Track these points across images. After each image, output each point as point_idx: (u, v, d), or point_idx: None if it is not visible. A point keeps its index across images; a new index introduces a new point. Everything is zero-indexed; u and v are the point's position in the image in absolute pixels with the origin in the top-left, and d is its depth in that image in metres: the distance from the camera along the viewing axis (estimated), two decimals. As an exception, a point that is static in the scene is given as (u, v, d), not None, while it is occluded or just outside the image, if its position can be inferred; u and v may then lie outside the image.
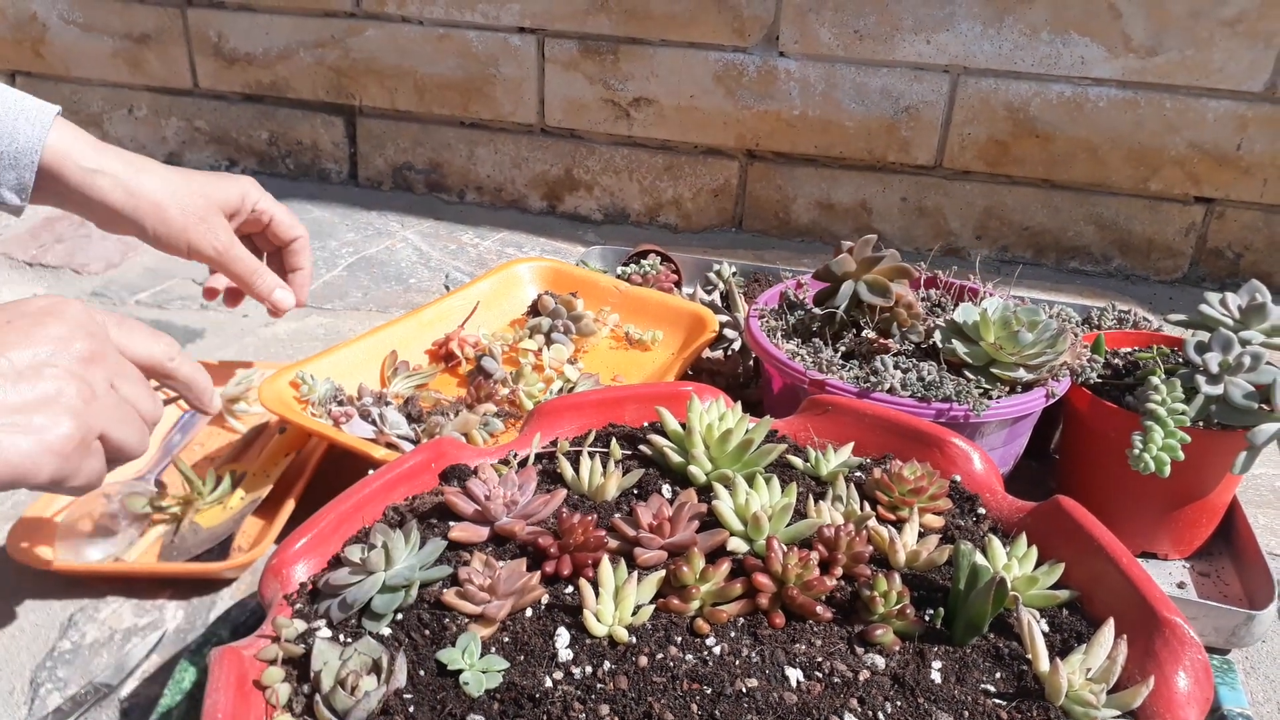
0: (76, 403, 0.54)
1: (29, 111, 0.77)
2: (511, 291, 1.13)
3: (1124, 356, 0.88)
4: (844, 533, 0.58)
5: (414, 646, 0.53)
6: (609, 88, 1.52)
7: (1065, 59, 1.34)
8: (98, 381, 0.56)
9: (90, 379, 0.55)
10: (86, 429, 0.54)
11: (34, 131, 0.76)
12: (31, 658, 0.73)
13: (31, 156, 0.76)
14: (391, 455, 0.82)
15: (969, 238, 1.49)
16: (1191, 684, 0.50)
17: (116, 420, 0.57)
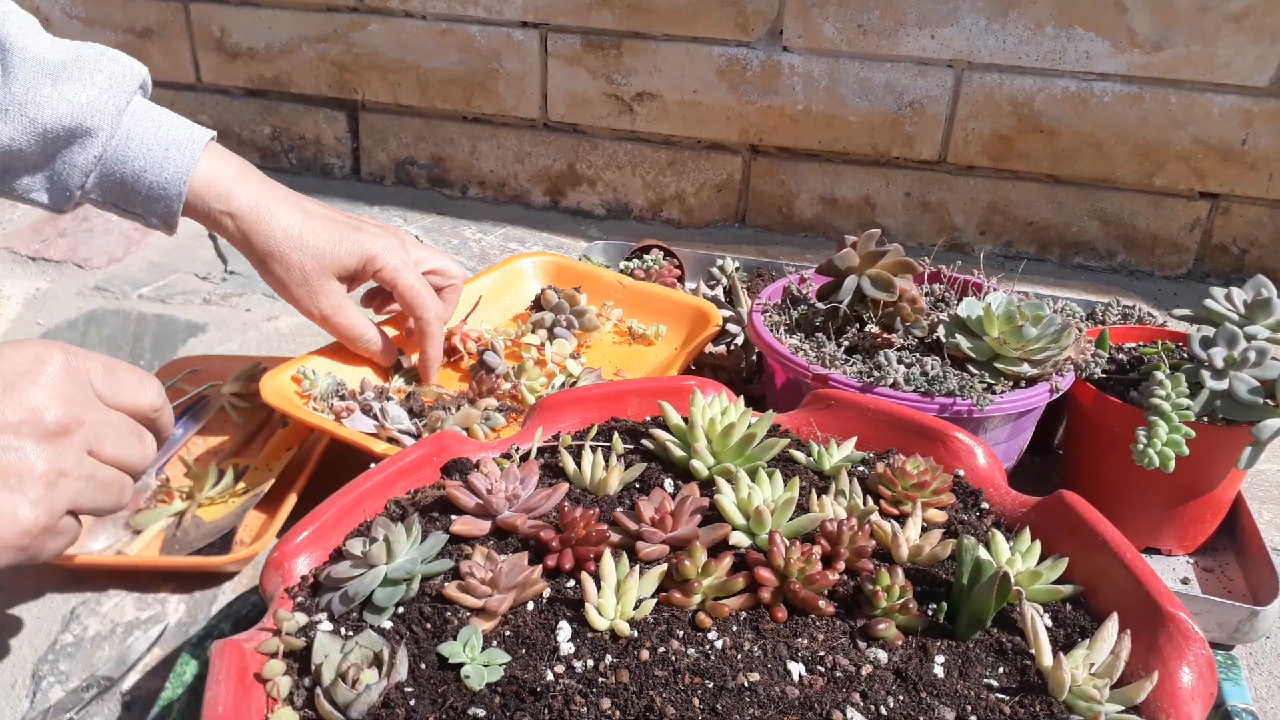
0: (39, 488, 0.51)
1: (180, 143, 0.77)
2: (515, 286, 1.13)
3: (1128, 352, 0.88)
4: (846, 527, 0.58)
5: (415, 640, 0.53)
6: (612, 82, 1.52)
7: (1070, 54, 1.34)
8: (69, 455, 0.53)
9: (61, 453, 0.52)
10: (49, 513, 0.52)
11: (183, 163, 0.77)
12: (33, 651, 0.73)
13: (179, 189, 0.77)
14: (393, 450, 0.82)
15: (973, 233, 1.49)
16: (1195, 679, 0.50)
17: (88, 492, 0.54)
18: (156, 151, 0.76)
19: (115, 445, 0.56)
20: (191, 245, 1.44)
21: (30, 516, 0.51)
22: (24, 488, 0.50)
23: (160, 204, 0.77)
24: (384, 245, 0.86)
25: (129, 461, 0.57)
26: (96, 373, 0.55)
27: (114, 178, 0.77)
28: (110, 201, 0.79)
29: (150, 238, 1.45)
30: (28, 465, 0.50)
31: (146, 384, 0.59)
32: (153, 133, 0.77)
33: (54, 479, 0.52)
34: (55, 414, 0.51)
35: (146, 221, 0.80)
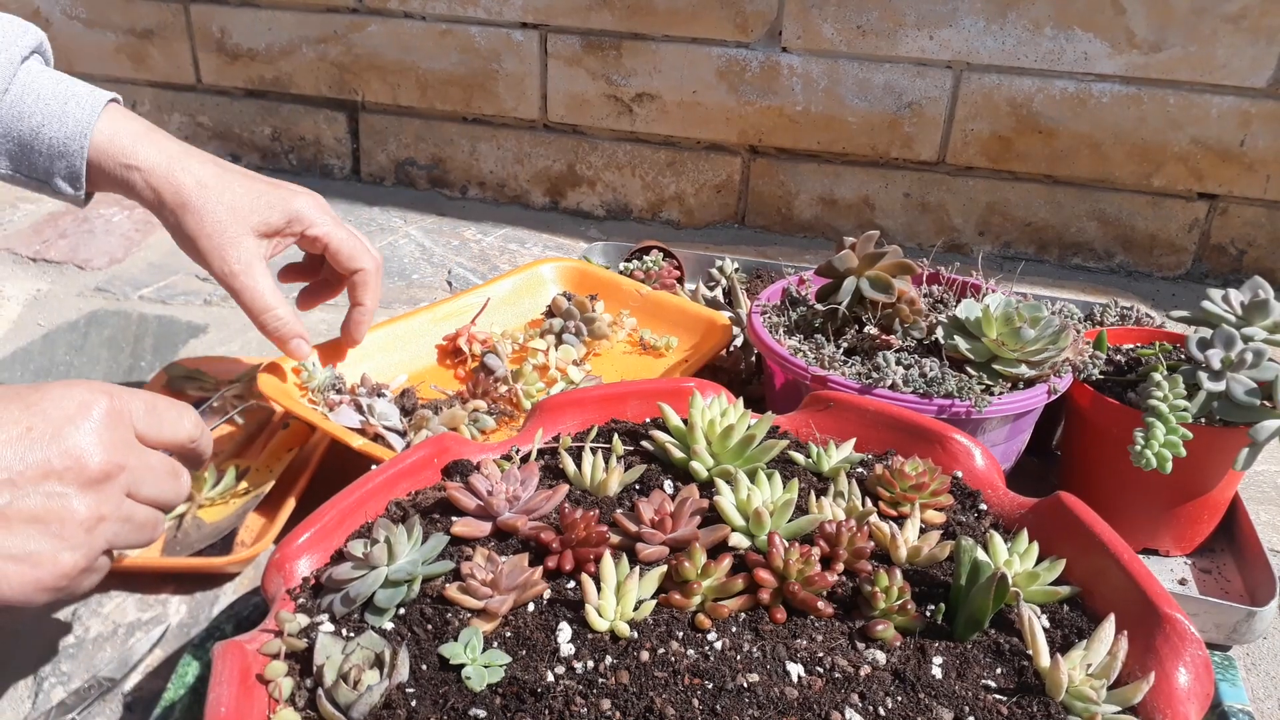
0: (80, 533, 0.52)
1: (80, 97, 0.75)
2: (534, 291, 1.13)
3: (1126, 353, 0.88)
4: (845, 528, 0.58)
5: (416, 641, 0.53)
6: (611, 83, 1.52)
7: (1069, 55, 1.34)
8: (109, 500, 0.54)
9: (102, 499, 0.54)
10: (87, 556, 0.53)
11: (82, 115, 0.74)
12: (35, 652, 0.73)
13: (80, 143, 0.74)
14: (372, 447, 0.82)
15: (972, 234, 1.49)
16: (1192, 680, 0.50)
17: (124, 533, 0.56)
18: (54, 106, 0.74)
19: (153, 486, 0.57)
20: (192, 246, 1.44)
21: (70, 561, 0.52)
22: (65, 533, 0.52)
23: (62, 161, 0.74)
24: (309, 202, 0.83)
25: (164, 500, 0.59)
26: (138, 413, 0.57)
27: (11, 136, 0.74)
28: (13, 168, 0.76)
29: (151, 238, 1.45)
30: (70, 511, 0.52)
31: (184, 416, 0.61)
32: (50, 89, 0.75)
33: (94, 524, 0.53)
34: (98, 461, 0.53)
35: (55, 189, 0.77)
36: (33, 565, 0.51)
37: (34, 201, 1.55)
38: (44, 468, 0.51)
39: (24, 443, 0.51)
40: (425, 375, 1.00)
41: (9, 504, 0.50)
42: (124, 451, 0.55)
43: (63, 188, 0.77)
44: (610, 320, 1.07)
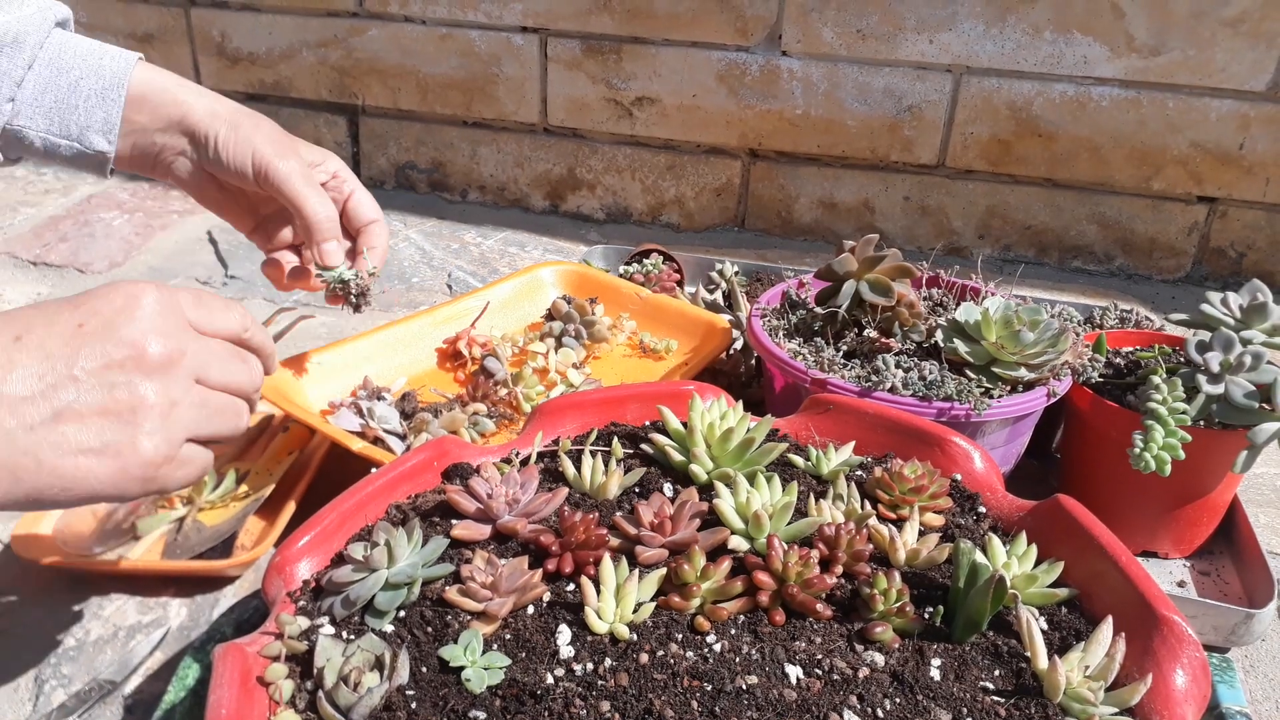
0: (154, 418, 0.52)
1: (113, 53, 0.76)
2: (534, 295, 1.13)
3: (1125, 356, 0.88)
4: (844, 531, 0.59)
5: (416, 643, 0.53)
6: (611, 87, 1.53)
7: (1068, 58, 1.34)
8: (178, 384, 0.53)
9: (170, 384, 0.53)
10: (168, 442, 0.53)
11: (118, 66, 0.75)
12: (36, 654, 0.73)
13: (119, 90, 0.74)
14: (373, 449, 0.83)
15: (971, 237, 1.50)
16: (1189, 681, 0.50)
17: (204, 419, 0.55)
18: (91, 61, 0.75)
19: (220, 370, 0.56)
20: (192, 249, 1.44)
21: (150, 447, 0.51)
22: (138, 420, 0.51)
23: (100, 111, 0.74)
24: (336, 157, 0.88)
25: (237, 384, 0.58)
26: (187, 303, 0.56)
27: (50, 91, 0.74)
28: (48, 129, 0.75)
29: (151, 241, 1.45)
30: (139, 398, 0.51)
31: (232, 308, 0.60)
32: (86, 45, 0.76)
33: (167, 409, 0.52)
34: (157, 347, 0.52)
35: (86, 147, 0.76)
36: (113, 456, 0.50)
37: (34, 205, 1.55)
38: (104, 360, 0.51)
39: (79, 339, 0.50)
40: (425, 378, 1.00)
41: (76, 399, 0.49)
42: (181, 337, 0.54)
43: (96, 142, 0.75)
44: (610, 323, 1.08)
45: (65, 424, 0.49)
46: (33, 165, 1.69)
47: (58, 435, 0.49)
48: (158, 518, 0.83)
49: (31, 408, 0.48)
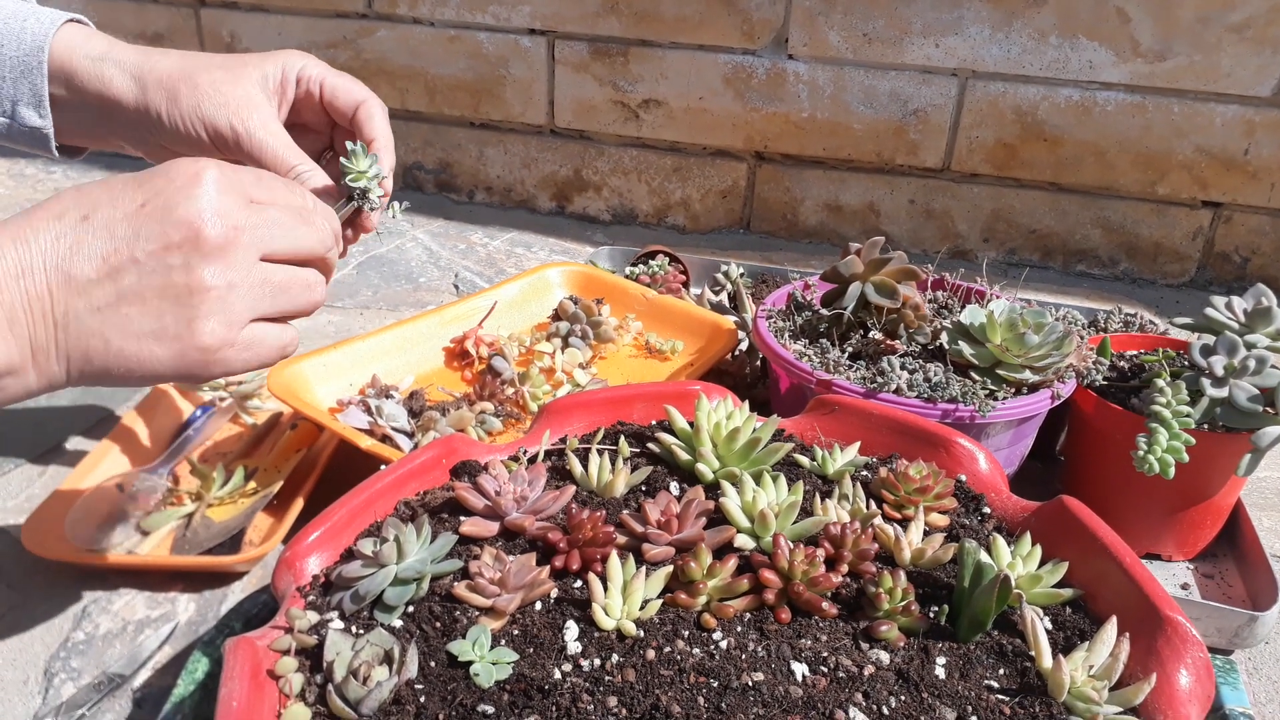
0: (210, 301, 0.52)
1: (38, 14, 0.70)
2: (541, 295, 1.13)
3: (1130, 359, 0.89)
4: (850, 530, 0.59)
5: (425, 638, 0.54)
6: (618, 89, 1.53)
7: (1074, 63, 1.35)
8: (238, 265, 0.53)
9: (228, 265, 0.52)
10: (227, 324, 0.52)
11: (40, 29, 0.69)
12: (45, 648, 0.74)
13: (39, 56, 0.68)
14: (381, 447, 0.83)
15: (976, 240, 1.50)
16: (1193, 682, 0.50)
17: (267, 297, 0.54)
18: (14, 24, 0.68)
19: (285, 239, 0.55)
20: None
21: (208, 330, 0.51)
22: (195, 302, 0.51)
23: (25, 82, 0.68)
24: (294, 52, 0.74)
25: (305, 250, 0.57)
26: (249, 181, 0.55)
27: None
28: None
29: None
30: (197, 281, 0.51)
31: (294, 186, 0.59)
32: (10, 8, 0.69)
33: (225, 292, 0.52)
34: (216, 228, 0.52)
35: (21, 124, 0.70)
36: (172, 339, 0.51)
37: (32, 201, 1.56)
38: (162, 241, 0.51)
39: (139, 218, 0.51)
40: (433, 377, 1.01)
41: (137, 282, 0.50)
42: (240, 213, 0.53)
43: (28, 117, 0.69)
44: (616, 324, 1.08)
45: (128, 306, 0.50)
46: (41, 163, 1.70)
47: (121, 318, 0.50)
48: (166, 514, 0.84)
49: (98, 290, 0.50)
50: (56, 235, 0.50)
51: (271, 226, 0.55)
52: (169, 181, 0.52)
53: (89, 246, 0.50)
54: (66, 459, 0.94)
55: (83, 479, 0.85)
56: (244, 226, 0.53)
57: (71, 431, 0.99)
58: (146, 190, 0.52)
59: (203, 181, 0.52)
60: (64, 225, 0.50)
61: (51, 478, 0.92)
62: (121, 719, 0.68)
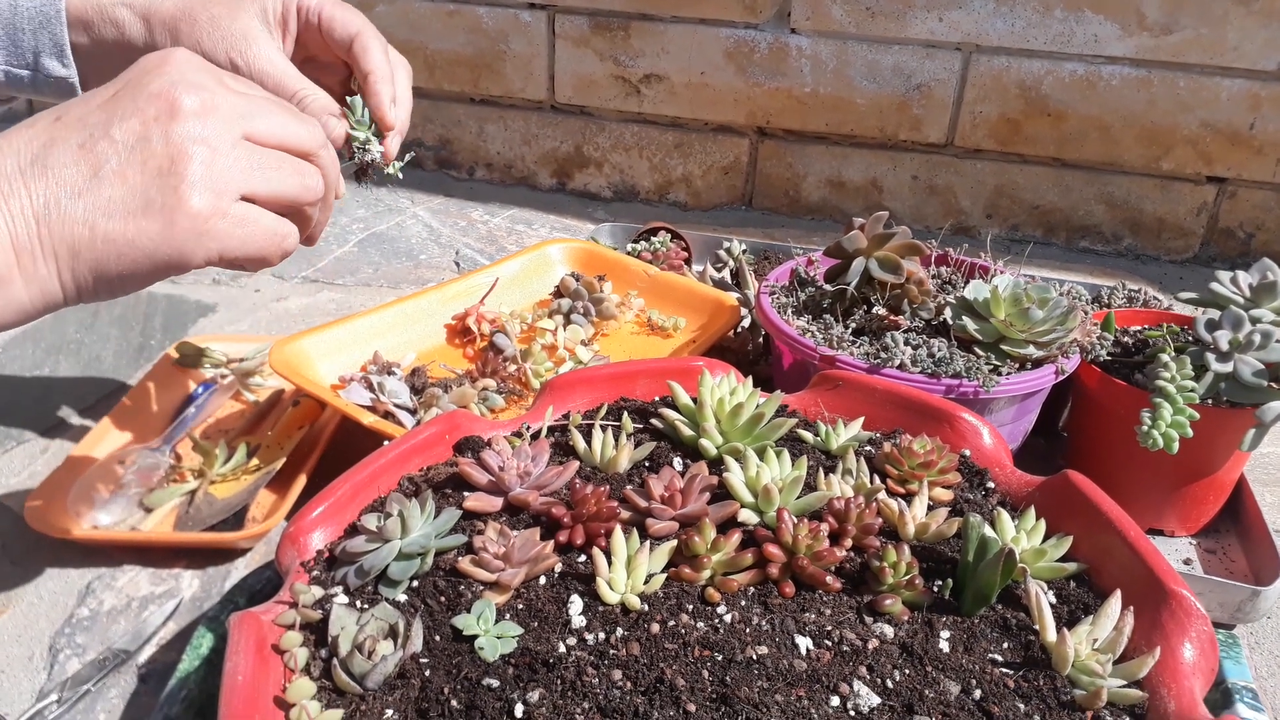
0: (193, 166, 0.49)
1: None
2: (542, 272, 1.13)
3: (1134, 334, 0.88)
4: (854, 505, 0.59)
5: (430, 612, 0.54)
6: (619, 64, 1.52)
7: (1078, 37, 1.33)
8: (218, 135, 0.50)
9: (206, 131, 0.50)
10: (214, 194, 0.50)
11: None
12: (50, 624, 0.74)
13: (56, 5, 0.69)
14: (384, 423, 0.83)
15: (979, 216, 1.49)
16: (1197, 655, 0.51)
17: (255, 171, 0.52)
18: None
19: (268, 119, 0.53)
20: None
21: (196, 198, 0.49)
22: (178, 169, 0.49)
23: (45, 33, 0.69)
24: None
25: (293, 137, 0.54)
26: (227, 76, 0.53)
27: None
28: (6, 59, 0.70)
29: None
30: (176, 147, 0.49)
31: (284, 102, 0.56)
32: None
33: (209, 157, 0.50)
34: (190, 96, 0.50)
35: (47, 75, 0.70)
36: (159, 212, 0.49)
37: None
38: (139, 118, 0.49)
39: (112, 104, 0.49)
40: (434, 354, 1.01)
41: (117, 162, 0.48)
42: (217, 89, 0.51)
43: (52, 67, 0.70)
44: (618, 301, 1.08)
45: (110, 187, 0.48)
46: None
47: (104, 200, 0.48)
48: (169, 490, 0.84)
49: (75, 174, 0.48)
50: (29, 137, 0.48)
51: (251, 103, 0.53)
52: (139, 68, 0.51)
53: (64, 139, 0.48)
54: (69, 436, 0.94)
55: (85, 456, 0.85)
56: (221, 102, 0.51)
57: (74, 408, 0.99)
58: (117, 83, 0.50)
59: (174, 59, 0.51)
60: (36, 128, 0.48)
61: (54, 454, 0.92)
62: (126, 694, 0.68)
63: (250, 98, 0.53)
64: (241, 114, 0.52)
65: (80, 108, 0.49)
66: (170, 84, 0.50)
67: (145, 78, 0.50)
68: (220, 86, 0.52)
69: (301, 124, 0.55)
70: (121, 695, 0.68)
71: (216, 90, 0.51)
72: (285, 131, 0.54)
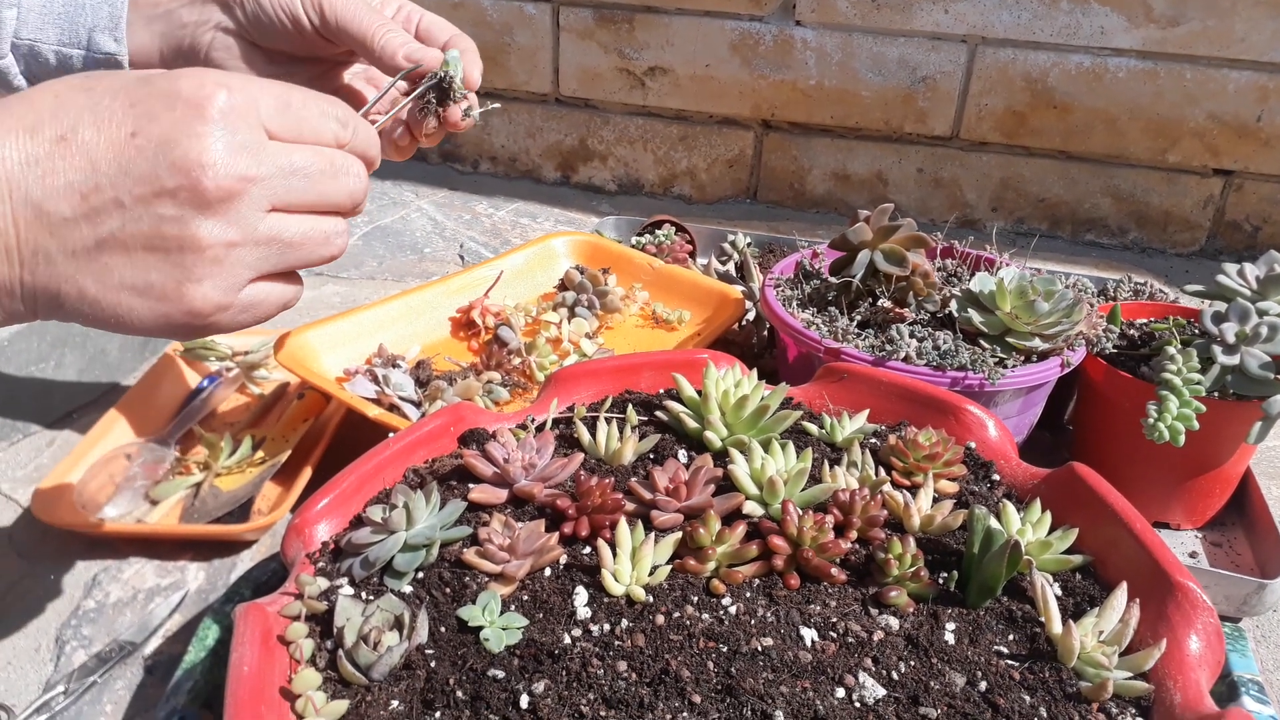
0: (203, 264, 0.44)
1: None
2: (547, 265, 1.13)
3: (1139, 327, 0.88)
4: (859, 497, 0.59)
5: (435, 604, 0.54)
6: (624, 57, 1.52)
7: (1085, 29, 1.33)
8: (239, 222, 0.45)
9: (228, 222, 0.45)
10: (221, 289, 0.45)
11: None
12: (57, 616, 0.74)
13: None
14: (389, 416, 0.83)
15: (985, 209, 1.49)
16: (1203, 647, 0.50)
17: (274, 256, 0.47)
18: None
19: (305, 191, 0.47)
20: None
21: (199, 295, 0.45)
22: (187, 263, 0.44)
23: (105, 7, 0.65)
24: None
25: (329, 203, 0.49)
26: (268, 110, 0.46)
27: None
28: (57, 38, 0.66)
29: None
30: (189, 239, 0.44)
31: (328, 112, 0.50)
32: None
33: (223, 251, 0.45)
34: (216, 179, 0.43)
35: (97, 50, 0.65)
36: (157, 299, 0.44)
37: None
38: (153, 185, 0.43)
39: (128, 152, 0.43)
40: (439, 347, 1.01)
41: (120, 228, 0.43)
42: (250, 160, 0.45)
43: (103, 43, 0.65)
44: (623, 294, 1.08)
45: (108, 255, 0.43)
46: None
47: (100, 266, 0.43)
48: (175, 483, 0.84)
49: (73, 231, 0.42)
50: (26, 159, 0.42)
51: (290, 176, 0.47)
52: (167, 107, 0.43)
53: (65, 177, 0.42)
54: (75, 429, 0.95)
55: (91, 449, 0.85)
56: (254, 177, 0.45)
57: (79, 401, 0.99)
58: (139, 113, 0.43)
59: (208, 116, 0.44)
60: (36, 145, 0.42)
61: (60, 447, 0.92)
62: (133, 686, 0.68)
63: (289, 163, 0.47)
64: (274, 190, 0.46)
65: (90, 134, 0.43)
66: (198, 158, 0.43)
67: (174, 131, 0.43)
68: (257, 154, 0.45)
69: (342, 183, 0.49)
70: (128, 686, 0.68)
71: (251, 162, 0.45)
72: (322, 199, 0.49)
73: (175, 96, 0.44)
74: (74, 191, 0.42)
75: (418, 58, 0.65)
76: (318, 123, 0.49)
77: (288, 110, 0.47)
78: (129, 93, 0.44)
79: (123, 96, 0.43)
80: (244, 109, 0.45)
